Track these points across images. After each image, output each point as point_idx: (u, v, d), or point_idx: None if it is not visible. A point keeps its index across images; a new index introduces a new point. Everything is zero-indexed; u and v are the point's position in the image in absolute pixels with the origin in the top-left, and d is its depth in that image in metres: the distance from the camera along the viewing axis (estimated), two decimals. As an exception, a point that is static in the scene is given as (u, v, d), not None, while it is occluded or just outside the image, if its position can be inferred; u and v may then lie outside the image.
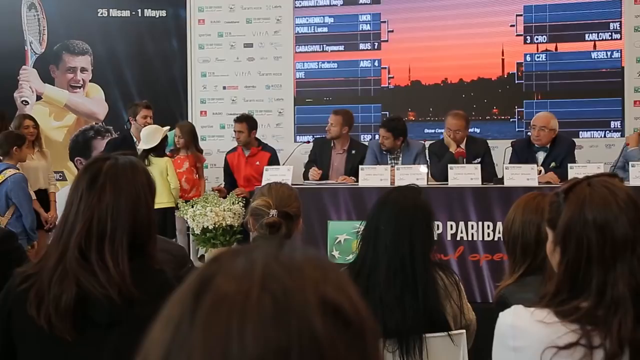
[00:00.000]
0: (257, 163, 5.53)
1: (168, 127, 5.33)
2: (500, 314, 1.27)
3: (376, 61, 6.42)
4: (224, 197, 5.06)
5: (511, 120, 6.17)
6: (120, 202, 1.53)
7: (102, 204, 1.52)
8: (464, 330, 2.14)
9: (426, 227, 2.14)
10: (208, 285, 0.57)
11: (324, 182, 5.07)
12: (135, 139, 5.48)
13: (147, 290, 1.48)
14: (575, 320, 1.19)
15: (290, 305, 0.55)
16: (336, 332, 0.55)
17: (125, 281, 1.47)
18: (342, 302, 0.56)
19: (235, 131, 5.71)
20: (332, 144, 5.45)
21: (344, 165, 5.41)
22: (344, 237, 4.47)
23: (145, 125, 5.37)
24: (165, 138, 5.23)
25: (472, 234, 4.35)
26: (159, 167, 5.07)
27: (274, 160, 5.55)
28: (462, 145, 5.07)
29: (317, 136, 5.87)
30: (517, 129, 6.13)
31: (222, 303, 0.55)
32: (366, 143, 5.70)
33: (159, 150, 5.18)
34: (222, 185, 5.75)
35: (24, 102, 6.80)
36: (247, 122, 5.62)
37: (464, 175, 4.48)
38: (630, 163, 4.41)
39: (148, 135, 5.13)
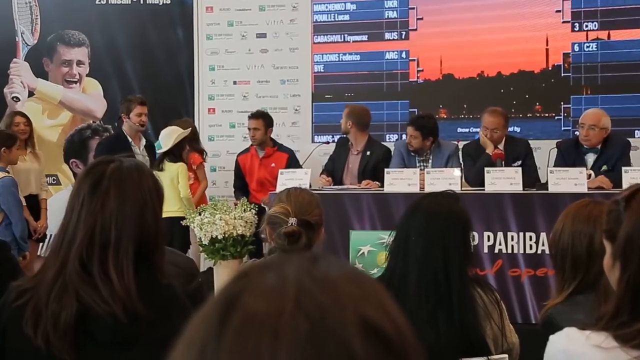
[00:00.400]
0: (273, 165, 5.60)
1: (188, 130, 5.38)
2: (551, 337, 1.26)
3: (403, 52, 6.43)
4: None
5: (556, 118, 6.16)
6: (126, 209, 1.55)
7: (105, 211, 1.54)
8: (506, 355, 2.14)
9: (463, 237, 2.13)
10: (235, 303, 0.57)
11: (345, 187, 5.11)
12: (130, 139, 5.52)
13: (154, 306, 1.50)
14: (638, 345, 1.17)
15: (327, 325, 0.55)
16: (377, 355, 0.55)
17: (130, 296, 1.49)
18: (383, 321, 0.56)
19: (249, 129, 5.78)
20: (350, 144, 5.51)
21: (356, 167, 5.45)
22: (367, 248, 4.49)
23: (140, 124, 5.44)
24: (182, 141, 5.29)
25: (512, 246, 4.35)
26: (170, 173, 5.15)
27: (292, 163, 5.60)
28: (501, 146, 5.07)
29: (338, 136, 5.94)
30: (563, 128, 6.12)
31: (252, 323, 0.55)
32: (390, 144, 5.73)
33: (174, 154, 5.24)
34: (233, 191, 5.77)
35: (14, 99, 6.88)
36: (264, 118, 5.69)
37: (503, 180, 4.49)
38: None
39: (163, 138, 5.19)
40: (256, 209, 4.98)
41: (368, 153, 5.44)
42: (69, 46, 6.95)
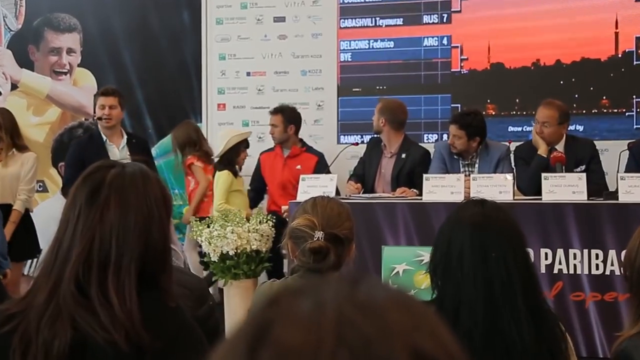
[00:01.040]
0: (298, 167, 5.65)
1: (249, 132, 5.45)
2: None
3: (445, 38, 6.41)
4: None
5: (627, 114, 6.11)
6: (128, 221, 1.56)
7: (105, 224, 1.55)
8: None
9: (522, 254, 2.13)
10: (266, 335, 0.57)
11: (377, 195, 5.11)
12: (105, 137, 5.51)
13: (160, 334, 1.50)
14: None
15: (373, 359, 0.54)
16: None
17: (133, 323, 1.49)
18: (437, 352, 0.57)
19: (270, 125, 5.86)
20: (382, 145, 5.54)
21: (390, 172, 5.47)
22: (402, 267, 4.51)
23: (105, 119, 5.41)
24: (238, 145, 5.35)
25: (575, 266, 4.32)
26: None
27: (321, 168, 5.61)
28: (560, 148, 5.06)
29: (369, 136, 5.94)
30: (635, 126, 6.08)
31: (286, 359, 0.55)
32: (429, 145, 5.72)
33: (223, 160, 5.36)
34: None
35: (-5, 92, 6.99)
36: (284, 114, 5.80)
37: (563, 188, 4.47)
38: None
39: (220, 141, 5.40)
40: (274, 219, 5.05)
41: (404, 156, 5.44)
42: (58, 32, 7.00)
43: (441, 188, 4.64)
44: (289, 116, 5.76)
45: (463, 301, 2.08)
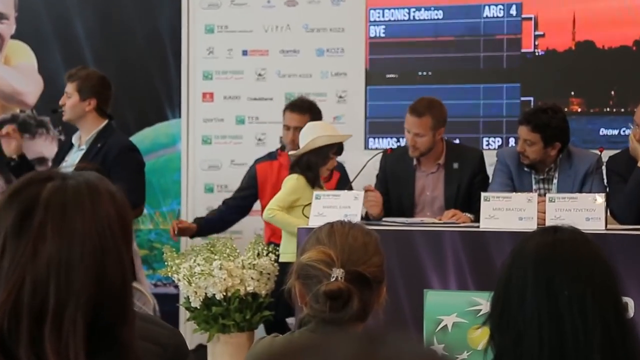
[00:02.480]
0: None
1: (348, 135, 5.41)
2: None
3: (513, 7, 6.37)
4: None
5: None
6: (73, 255, 1.54)
7: (39, 259, 1.53)
8: None
9: (610, 298, 2.15)
10: None
11: (417, 221, 5.09)
12: (78, 137, 5.61)
13: None
14: None
15: None
16: None
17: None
18: None
19: (287, 127, 5.86)
20: (415, 162, 5.58)
21: (442, 192, 5.48)
22: (452, 319, 4.50)
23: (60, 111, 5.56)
24: (326, 148, 5.27)
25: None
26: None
27: (343, 184, 5.63)
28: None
29: (397, 143, 6.02)
30: None
31: None
32: (490, 153, 5.69)
33: (300, 163, 5.26)
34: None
35: None
36: (312, 113, 5.81)
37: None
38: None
39: (303, 136, 5.28)
40: (277, 252, 5.06)
41: (456, 166, 5.48)
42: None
43: (506, 212, 4.61)
44: (316, 116, 5.79)
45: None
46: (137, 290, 4.51)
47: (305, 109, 5.83)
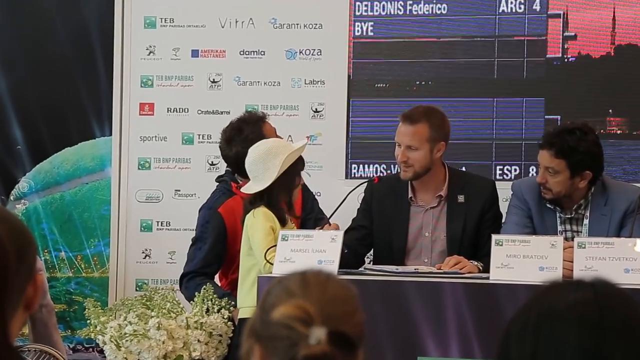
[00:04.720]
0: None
1: (304, 142, 5.33)
2: None
3: (536, 1, 6.28)
4: None
5: None
6: None
7: None
8: None
9: None
10: None
11: (410, 269, 5.02)
12: None
13: None
14: None
15: None
16: None
17: None
18: None
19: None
20: (409, 193, 5.40)
21: (443, 232, 5.39)
22: (452, 394, 4.56)
23: None
24: (292, 169, 5.20)
25: None
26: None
27: (308, 199, 5.77)
28: None
29: (387, 171, 6.28)
30: None
31: None
32: (505, 184, 5.76)
33: (262, 195, 5.16)
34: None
35: None
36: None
37: None
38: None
39: (257, 163, 5.18)
40: (231, 306, 5.09)
41: (462, 199, 5.36)
42: None
43: (523, 260, 4.60)
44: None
45: None
46: (50, 356, 4.81)
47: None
